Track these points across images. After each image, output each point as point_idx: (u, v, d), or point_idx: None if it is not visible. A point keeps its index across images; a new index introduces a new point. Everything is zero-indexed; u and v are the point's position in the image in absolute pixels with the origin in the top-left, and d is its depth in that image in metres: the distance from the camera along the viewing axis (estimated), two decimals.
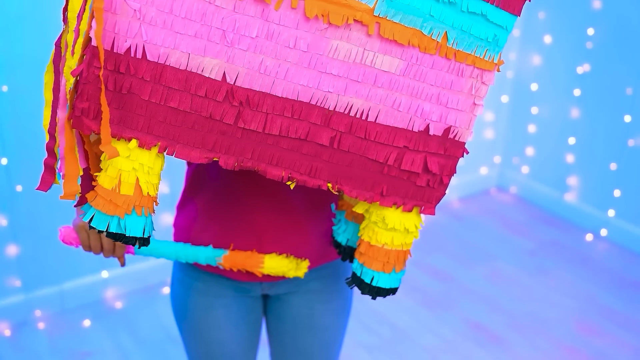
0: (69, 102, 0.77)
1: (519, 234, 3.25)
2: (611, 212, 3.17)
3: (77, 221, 1.06)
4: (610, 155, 3.14)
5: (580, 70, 3.17)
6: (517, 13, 0.85)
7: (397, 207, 0.91)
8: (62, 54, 0.79)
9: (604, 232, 3.22)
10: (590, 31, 3.07)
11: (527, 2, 0.86)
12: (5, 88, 2.16)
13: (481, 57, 0.85)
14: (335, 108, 0.82)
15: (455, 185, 3.60)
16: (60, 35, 0.80)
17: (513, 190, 3.68)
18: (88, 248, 1.06)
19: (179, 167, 2.63)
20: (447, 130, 0.87)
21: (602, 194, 3.22)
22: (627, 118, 3.00)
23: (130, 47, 0.73)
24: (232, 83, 0.77)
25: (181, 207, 1.19)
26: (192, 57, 0.75)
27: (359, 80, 0.81)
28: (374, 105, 0.83)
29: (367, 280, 0.97)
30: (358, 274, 0.98)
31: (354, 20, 0.78)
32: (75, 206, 0.87)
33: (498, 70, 0.87)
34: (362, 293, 0.98)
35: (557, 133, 3.37)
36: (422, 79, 0.83)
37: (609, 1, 3.00)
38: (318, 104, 0.81)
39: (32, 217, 2.37)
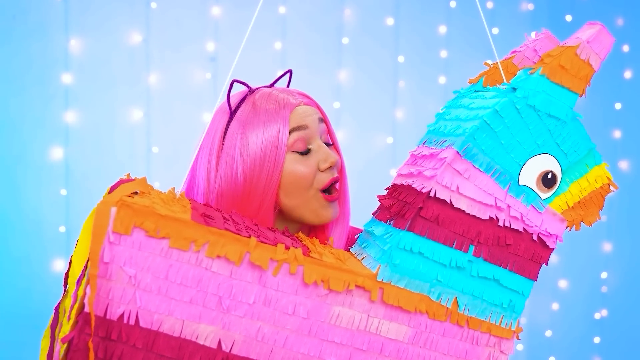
0: None
1: None
2: None
3: None
4: None
5: (597, 316, 3.02)
6: (534, 277, 0.81)
7: None
8: (60, 320, 0.78)
9: None
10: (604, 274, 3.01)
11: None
12: None
13: (497, 324, 0.79)
14: None
15: None
16: (60, 301, 0.79)
17: None
18: None
19: None
20: None
21: None
22: None
23: (123, 313, 0.71)
24: (228, 351, 0.73)
25: None
26: (187, 324, 0.72)
27: (364, 348, 0.75)
28: None
29: None
30: None
31: (356, 285, 0.75)
32: None
33: (517, 338, 0.81)
34: None
35: None
36: (433, 348, 0.77)
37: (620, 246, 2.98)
38: None
39: None
